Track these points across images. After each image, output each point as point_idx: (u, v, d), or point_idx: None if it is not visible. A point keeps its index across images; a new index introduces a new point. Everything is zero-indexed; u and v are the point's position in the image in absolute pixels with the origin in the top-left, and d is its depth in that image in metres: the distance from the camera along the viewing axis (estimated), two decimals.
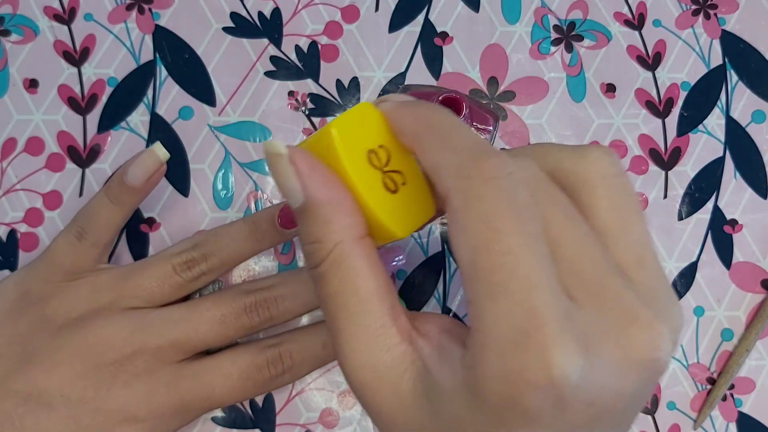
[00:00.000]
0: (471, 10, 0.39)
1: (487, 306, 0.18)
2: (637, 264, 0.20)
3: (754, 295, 0.38)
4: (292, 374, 0.32)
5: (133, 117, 0.37)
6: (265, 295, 0.32)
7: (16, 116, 0.36)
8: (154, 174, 0.31)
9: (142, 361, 0.30)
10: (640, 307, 0.18)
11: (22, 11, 0.37)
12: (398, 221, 0.21)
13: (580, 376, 0.17)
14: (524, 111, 0.38)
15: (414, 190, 0.22)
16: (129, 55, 0.37)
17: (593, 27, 0.39)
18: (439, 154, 0.20)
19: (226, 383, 0.31)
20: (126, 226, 0.35)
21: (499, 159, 0.19)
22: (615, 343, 0.18)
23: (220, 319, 0.31)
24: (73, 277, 0.31)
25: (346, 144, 0.21)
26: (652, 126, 0.39)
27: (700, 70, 0.40)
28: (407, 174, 0.22)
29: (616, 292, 0.18)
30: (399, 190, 0.22)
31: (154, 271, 0.31)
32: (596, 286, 0.18)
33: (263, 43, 0.38)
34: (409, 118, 0.21)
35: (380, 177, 0.21)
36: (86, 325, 0.30)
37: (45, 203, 0.36)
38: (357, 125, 0.21)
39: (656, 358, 0.18)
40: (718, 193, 0.38)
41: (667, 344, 0.18)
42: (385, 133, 0.22)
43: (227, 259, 0.32)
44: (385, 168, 0.22)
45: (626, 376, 0.18)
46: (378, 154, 0.21)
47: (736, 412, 0.37)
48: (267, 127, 0.37)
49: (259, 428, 0.34)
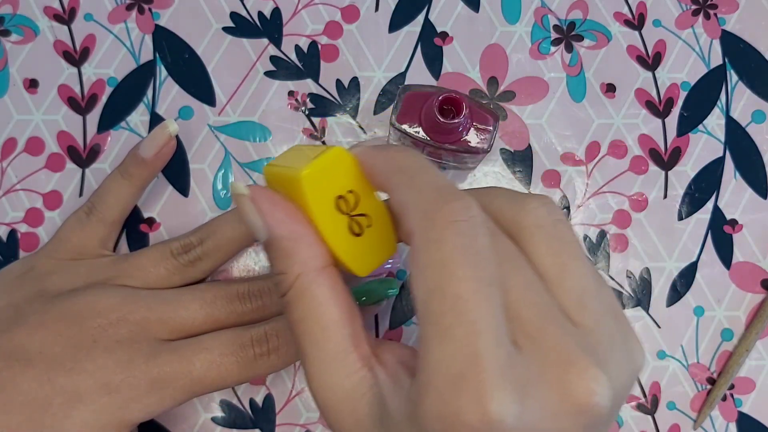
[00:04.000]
0: (471, 10, 0.39)
1: (434, 347, 0.18)
2: (578, 307, 0.20)
3: (754, 295, 0.38)
4: (278, 355, 0.31)
5: (133, 117, 0.37)
6: (259, 285, 0.32)
7: (16, 116, 0.36)
8: (164, 147, 0.33)
9: (126, 330, 0.30)
10: (577, 352, 0.19)
11: (22, 11, 0.37)
12: (360, 262, 0.23)
13: (515, 420, 0.18)
14: (524, 111, 0.38)
15: (378, 231, 0.23)
16: (129, 55, 0.37)
17: (593, 27, 0.39)
18: (405, 195, 0.21)
19: (206, 357, 0.30)
20: (126, 226, 0.35)
21: (462, 202, 0.19)
22: (550, 388, 0.18)
23: (211, 300, 0.31)
24: (77, 256, 0.32)
25: (314, 189, 0.22)
26: (652, 126, 0.39)
27: (700, 70, 0.40)
28: (373, 215, 0.23)
29: (555, 337, 0.19)
30: (363, 233, 0.23)
31: (151, 254, 0.32)
32: (536, 331, 0.19)
33: (263, 43, 0.38)
34: (379, 160, 0.23)
35: (346, 221, 0.23)
36: (77, 293, 0.30)
37: (45, 203, 0.36)
38: (329, 170, 0.22)
39: (593, 404, 0.18)
40: (718, 193, 0.38)
41: (604, 389, 0.19)
42: (356, 177, 0.23)
43: (222, 243, 0.33)
44: (353, 212, 0.23)
45: (562, 421, 0.18)
46: (347, 198, 0.23)
47: (736, 412, 0.37)
48: (267, 127, 0.37)
49: (259, 428, 0.34)
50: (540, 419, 0.18)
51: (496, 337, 0.18)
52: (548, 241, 0.21)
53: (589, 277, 0.21)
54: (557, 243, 0.21)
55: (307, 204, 0.22)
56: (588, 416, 0.19)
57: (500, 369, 0.18)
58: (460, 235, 0.19)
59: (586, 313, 0.20)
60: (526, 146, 0.38)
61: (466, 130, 0.33)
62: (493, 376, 0.18)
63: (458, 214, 0.19)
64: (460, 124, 0.32)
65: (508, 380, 0.18)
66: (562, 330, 0.19)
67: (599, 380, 0.19)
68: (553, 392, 0.18)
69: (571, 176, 0.38)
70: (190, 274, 0.32)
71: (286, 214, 0.22)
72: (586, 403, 0.18)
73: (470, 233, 0.19)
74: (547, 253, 0.21)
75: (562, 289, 0.20)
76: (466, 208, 0.19)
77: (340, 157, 0.23)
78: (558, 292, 0.20)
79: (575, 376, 0.18)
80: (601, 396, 0.18)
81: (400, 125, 0.33)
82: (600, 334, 0.20)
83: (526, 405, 0.18)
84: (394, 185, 0.22)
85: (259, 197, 0.23)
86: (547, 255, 0.21)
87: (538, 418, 0.18)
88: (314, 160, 0.22)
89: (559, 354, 0.19)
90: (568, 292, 0.20)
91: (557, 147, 0.38)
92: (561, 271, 0.20)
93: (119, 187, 0.33)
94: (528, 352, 0.19)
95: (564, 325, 0.19)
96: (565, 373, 0.19)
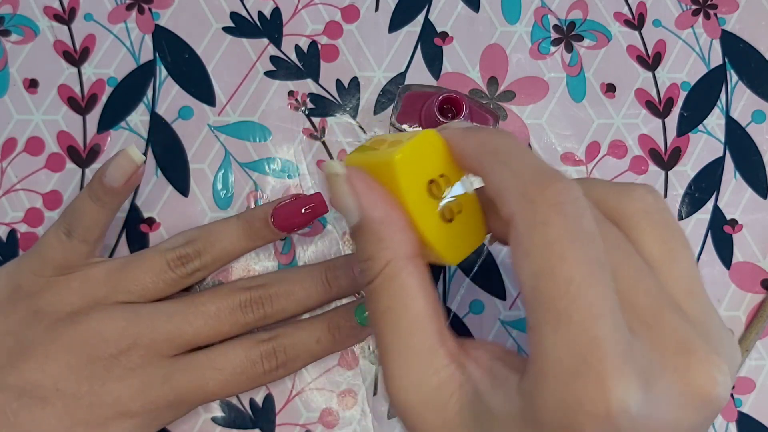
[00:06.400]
0: (471, 10, 0.39)
1: (549, 333, 0.17)
2: (687, 296, 0.19)
3: (754, 295, 0.38)
4: (286, 369, 0.32)
5: (132, 117, 0.37)
6: (260, 293, 0.32)
7: (16, 116, 0.36)
8: (132, 176, 0.30)
9: (137, 356, 0.30)
10: (697, 341, 0.18)
11: (22, 11, 0.37)
12: (451, 249, 0.22)
13: (639, 409, 0.17)
14: (524, 111, 0.38)
15: (468, 218, 0.23)
16: (129, 55, 0.37)
17: (593, 27, 0.39)
18: (502, 178, 0.20)
19: (219, 377, 0.31)
20: (126, 226, 0.35)
21: (565, 183, 0.19)
22: (673, 376, 0.18)
23: (214, 314, 0.31)
24: (65, 271, 0.31)
25: (408, 173, 0.21)
26: (652, 126, 0.39)
27: (700, 70, 0.40)
28: (463, 201, 0.22)
29: (672, 325, 0.18)
30: (454, 219, 0.22)
31: (148, 267, 0.31)
32: (652, 318, 0.18)
33: (263, 43, 0.38)
34: (471, 143, 0.22)
35: (437, 206, 0.22)
36: (81, 319, 0.30)
37: (45, 203, 0.36)
38: (420, 153, 0.22)
39: (715, 394, 0.18)
40: (718, 193, 0.38)
41: (726, 378, 0.18)
42: (446, 160, 0.22)
43: (220, 257, 0.32)
44: (443, 196, 0.22)
45: (684, 410, 0.18)
46: (438, 183, 0.22)
47: (736, 412, 0.37)
48: (267, 127, 0.37)
49: (259, 428, 0.34)
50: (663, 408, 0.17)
51: (615, 321, 0.17)
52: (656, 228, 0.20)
53: (696, 267, 0.20)
54: (665, 230, 0.20)
55: (399, 188, 0.21)
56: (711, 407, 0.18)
57: (622, 355, 0.17)
58: (566, 216, 0.18)
59: (696, 302, 0.19)
60: (526, 146, 0.38)
61: None
62: (616, 363, 0.17)
63: (562, 196, 0.18)
64: None
65: (630, 367, 0.17)
66: (678, 317, 0.18)
67: (722, 369, 0.18)
68: (676, 381, 0.18)
69: (571, 176, 0.38)
70: (189, 282, 0.32)
71: (380, 197, 0.21)
72: (709, 393, 0.18)
73: (576, 215, 0.18)
74: (655, 241, 0.20)
75: (672, 277, 0.20)
76: (570, 190, 0.19)
77: (431, 140, 0.22)
78: (668, 279, 0.19)
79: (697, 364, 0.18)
80: (722, 386, 0.18)
81: (400, 125, 0.33)
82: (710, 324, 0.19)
83: (648, 393, 0.17)
84: (488, 168, 0.21)
85: (356, 178, 0.22)
86: (655, 242, 0.20)
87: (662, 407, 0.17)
88: (407, 143, 0.21)
89: (678, 342, 0.18)
90: (677, 280, 0.20)
91: (557, 147, 0.38)
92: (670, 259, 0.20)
93: (93, 212, 0.31)
94: (646, 339, 0.18)
95: (680, 312, 0.19)
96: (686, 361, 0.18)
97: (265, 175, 0.37)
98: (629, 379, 0.17)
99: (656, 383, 0.17)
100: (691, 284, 0.20)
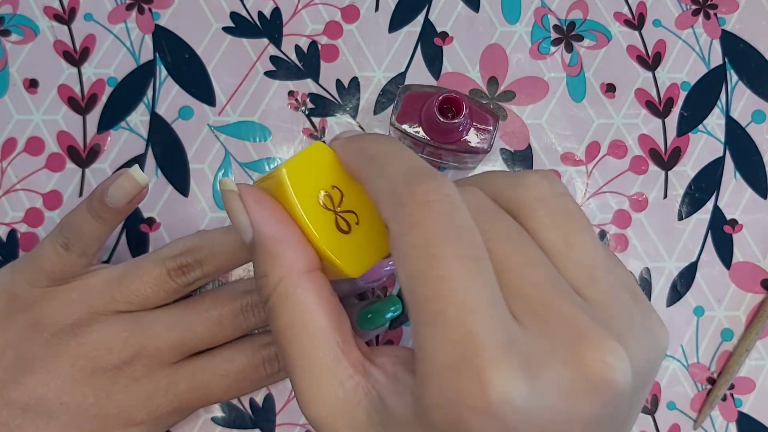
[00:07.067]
0: (471, 10, 0.39)
1: (427, 334, 0.17)
2: (589, 281, 0.19)
3: (754, 295, 0.38)
4: (286, 372, 0.32)
5: (132, 117, 0.37)
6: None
7: (16, 116, 0.36)
8: (136, 197, 0.30)
9: (141, 365, 0.30)
10: (589, 325, 0.17)
11: (22, 11, 0.37)
12: (351, 261, 0.22)
13: (525, 400, 0.16)
14: (524, 111, 0.38)
15: (368, 229, 0.22)
16: (129, 55, 0.37)
17: (593, 27, 0.39)
18: (376, 184, 0.20)
19: (223, 383, 0.31)
20: (126, 226, 0.35)
21: (435, 181, 0.18)
22: (562, 365, 0.17)
23: (217, 319, 0.31)
24: (62, 282, 0.30)
25: (297, 186, 0.21)
26: (652, 126, 0.39)
27: (700, 70, 0.40)
28: (362, 213, 0.22)
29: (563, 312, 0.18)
30: (352, 230, 0.22)
31: (148, 277, 0.30)
32: (541, 307, 0.18)
33: (263, 43, 0.38)
34: (352, 151, 0.22)
35: (333, 218, 0.22)
36: (82, 331, 0.29)
37: (45, 203, 0.36)
38: (310, 166, 0.22)
39: (609, 379, 0.17)
40: (718, 193, 0.38)
41: (622, 363, 0.17)
42: (338, 171, 0.22)
43: (222, 266, 0.31)
44: (338, 209, 0.22)
45: (579, 398, 0.17)
46: (331, 195, 0.22)
47: (736, 412, 0.37)
48: (267, 126, 0.37)
49: (259, 428, 0.34)
50: (553, 398, 0.17)
51: (491, 313, 0.17)
52: (551, 214, 0.20)
53: (599, 250, 0.19)
54: (561, 216, 0.20)
55: (289, 201, 0.21)
56: (606, 393, 0.17)
57: (502, 347, 0.17)
58: (437, 214, 0.18)
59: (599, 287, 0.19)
60: (526, 146, 0.38)
61: (466, 130, 0.33)
62: (493, 355, 0.16)
63: (432, 194, 0.18)
64: (460, 124, 0.32)
65: (511, 358, 0.17)
66: (571, 303, 0.18)
67: (616, 353, 0.17)
68: (566, 369, 0.17)
69: (571, 176, 0.38)
70: (189, 290, 0.32)
71: (271, 214, 0.21)
72: (603, 379, 0.17)
73: (446, 212, 0.18)
74: (550, 227, 0.19)
75: (570, 263, 0.19)
76: (439, 187, 0.18)
77: (320, 152, 0.22)
78: (566, 266, 0.19)
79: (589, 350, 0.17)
80: (619, 371, 0.17)
81: (400, 125, 0.33)
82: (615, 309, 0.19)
83: (535, 384, 0.17)
84: (366, 175, 0.21)
85: (247, 195, 0.22)
86: (550, 229, 0.19)
87: (551, 397, 0.17)
88: (294, 156, 0.21)
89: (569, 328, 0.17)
90: (576, 266, 0.19)
91: (557, 147, 0.38)
92: (567, 245, 0.19)
93: (92, 227, 0.30)
94: (534, 328, 0.18)
95: (573, 299, 0.18)
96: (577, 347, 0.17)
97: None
98: (509, 370, 0.16)
99: (544, 372, 0.17)
100: (592, 269, 0.19)
